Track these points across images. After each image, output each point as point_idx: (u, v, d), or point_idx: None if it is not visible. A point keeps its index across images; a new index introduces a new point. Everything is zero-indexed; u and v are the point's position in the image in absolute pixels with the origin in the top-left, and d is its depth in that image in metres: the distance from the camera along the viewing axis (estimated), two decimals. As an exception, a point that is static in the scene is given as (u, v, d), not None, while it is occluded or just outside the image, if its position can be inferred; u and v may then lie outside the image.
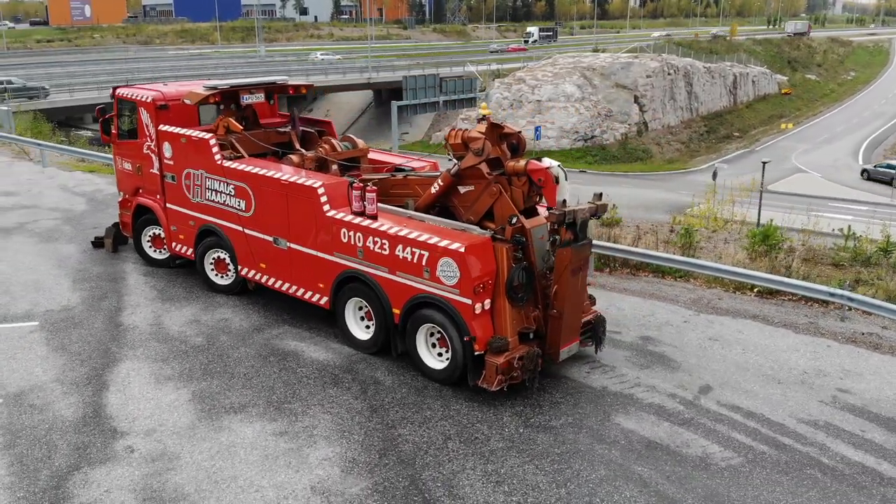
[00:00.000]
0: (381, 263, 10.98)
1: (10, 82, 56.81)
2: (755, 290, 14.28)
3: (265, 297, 13.44)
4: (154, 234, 14.88)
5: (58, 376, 10.80)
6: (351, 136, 13.77)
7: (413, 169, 12.99)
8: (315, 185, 11.63)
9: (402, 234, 10.67)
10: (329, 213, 11.50)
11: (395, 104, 46.37)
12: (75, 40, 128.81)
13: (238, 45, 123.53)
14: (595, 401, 10.46)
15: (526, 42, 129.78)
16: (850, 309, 13.39)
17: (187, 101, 13.50)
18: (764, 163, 36.31)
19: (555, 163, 10.84)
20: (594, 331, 11.43)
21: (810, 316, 13.52)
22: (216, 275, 13.80)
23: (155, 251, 15.01)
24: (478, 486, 8.60)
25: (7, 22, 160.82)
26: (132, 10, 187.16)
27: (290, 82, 14.94)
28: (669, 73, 68.25)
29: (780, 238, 17.09)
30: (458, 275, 10.08)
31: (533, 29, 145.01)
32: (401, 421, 9.85)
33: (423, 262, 10.44)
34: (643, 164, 61.14)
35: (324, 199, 11.56)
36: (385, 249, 10.87)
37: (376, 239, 10.95)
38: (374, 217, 11.18)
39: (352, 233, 11.25)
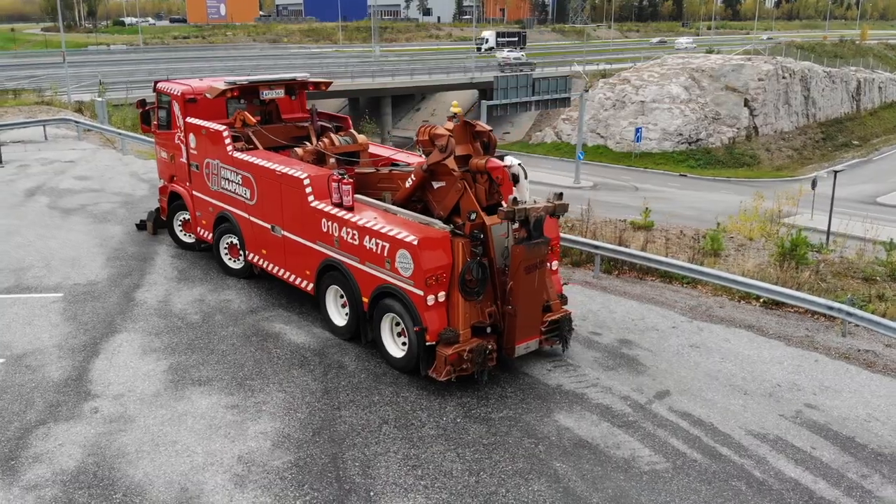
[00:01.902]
0: (352, 253, 11.46)
1: (517, 59, 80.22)
2: (760, 300, 13.83)
3: (270, 282, 14.18)
4: (184, 218, 15.94)
5: (59, 342, 11.89)
6: (352, 131, 14.30)
7: (409, 164, 13.37)
8: (301, 177, 12.25)
9: (368, 225, 11.11)
10: (313, 204, 12.08)
11: (484, 103, 46.72)
12: (209, 37, 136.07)
13: (359, 44, 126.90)
14: (543, 397, 10.55)
15: (478, 50, 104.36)
16: (857, 325, 12.79)
17: (208, 96, 14.42)
18: (836, 171, 34.54)
19: (516, 161, 11.01)
20: (560, 330, 11.49)
21: (811, 329, 13.01)
22: (230, 259, 14.67)
23: (185, 235, 16.09)
24: (394, 468, 8.93)
25: (149, 19, 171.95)
26: (267, 10, 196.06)
27: (310, 79, 15.60)
28: (784, 77, 65.27)
29: (816, 246, 16.40)
30: (412, 266, 10.43)
31: (488, 33, 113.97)
32: (347, 403, 10.29)
33: (385, 253, 10.85)
34: (749, 171, 58.80)
35: (308, 189, 12.15)
36: (356, 240, 11.34)
37: (349, 229, 11.44)
38: (349, 208, 11.66)
39: (330, 223, 11.78)
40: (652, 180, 56.90)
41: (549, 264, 11.71)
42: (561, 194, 10.97)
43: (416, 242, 10.36)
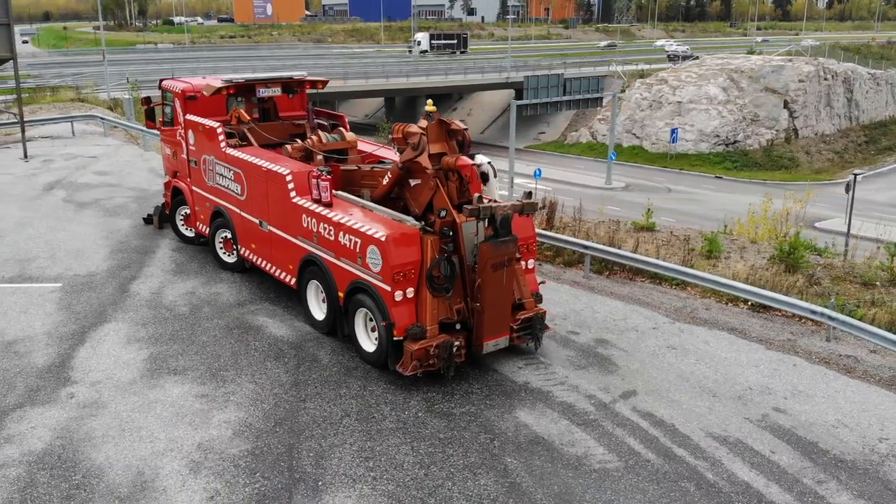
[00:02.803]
0: (329, 248, 11.67)
1: (684, 52, 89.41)
2: (749, 303, 13.69)
3: (262, 276, 14.44)
4: (185, 213, 16.34)
5: (50, 330, 12.31)
6: (341, 129, 14.50)
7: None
8: (284, 173, 12.51)
9: (342, 221, 11.31)
10: (294, 199, 12.32)
11: (514, 103, 46.76)
12: (255, 37, 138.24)
13: (400, 44, 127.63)
14: (508, 394, 10.63)
15: (410, 52, 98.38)
16: (842, 330, 12.57)
17: (204, 93, 14.76)
18: (855, 174, 33.98)
19: (486, 160, 11.09)
20: (532, 328, 11.54)
21: (796, 334, 12.84)
22: (224, 253, 15.01)
23: (186, 229, 16.48)
24: (346, 459, 9.10)
25: (198, 18, 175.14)
26: (313, 10, 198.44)
27: (307, 77, 15.85)
28: (826, 79, 63.97)
29: (820, 250, 16.15)
30: (381, 262, 10.59)
31: (421, 35, 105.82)
32: (314, 396, 10.50)
33: (357, 249, 11.03)
34: (786, 173, 57.84)
35: (291, 185, 12.40)
36: (332, 236, 11.55)
37: (325, 225, 11.65)
38: (328, 205, 11.87)
39: (309, 218, 12.01)
40: (686, 182, 56.35)
41: (524, 263, 11.81)
42: (530, 193, 11.05)
43: (383, 238, 10.52)
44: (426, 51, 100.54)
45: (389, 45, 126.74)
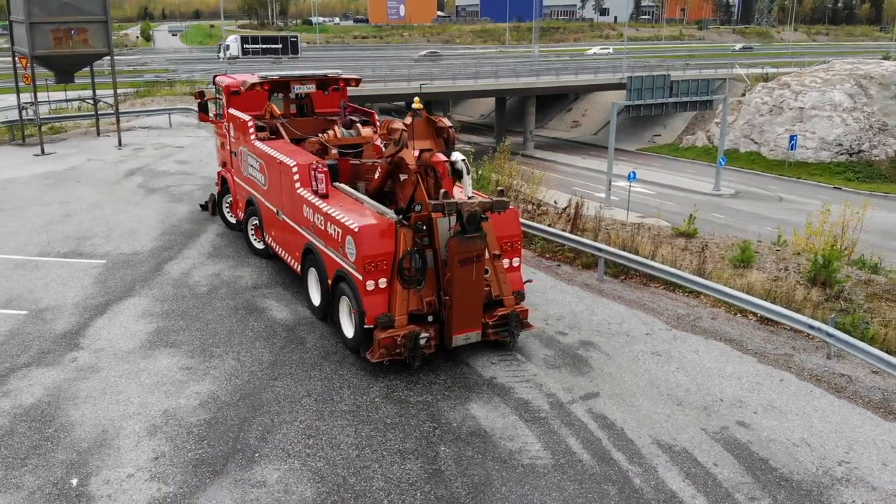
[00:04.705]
0: (321, 238, 12.26)
1: None
2: (757, 315, 13.21)
3: (283, 261, 15.20)
4: (229, 201, 17.39)
5: (78, 301, 13.53)
6: (358, 125, 15.02)
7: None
8: (291, 164, 13.19)
9: (330, 212, 11.85)
10: (298, 190, 12.98)
11: (615, 104, 46.07)
12: (386, 38, 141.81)
13: (525, 44, 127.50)
14: (470, 387, 10.84)
15: (219, 57, 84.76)
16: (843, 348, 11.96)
17: (241, 88, 15.70)
18: None
19: (460, 157, 11.33)
20: (508, 325, 11.67)
21: (797, 349, 12.30)
22: (255, 239, 15.90)
23: (230, 216, 17.54)
24: (290, 435, 9.62)
25: (336, 18, 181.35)
26: (447, 11, 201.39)
27: (341, 75, 16.51)
28: (968, 85, 59.04)
29: (868, 264, 15.34)
30: (355, 252, 11.05)
31: (231, 39, 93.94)
32: (286, 375, 11.09)
33: (339, 239, 11.55)
34: (914, 187, 53.85)
35: (296, 177, 13.06)
36: (323, 225, 12.12)
37: (318, 216, 12.24)
38: (324, 196, 12.44)
39: (308, 209, 12.64)
40: (800, 191, 53.55)
41: (508, 261, 11.95)
42: (503, 191, 11.19)
43: (357, 229, 10.97)
44: (236, 57, 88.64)
45: (513, 45, 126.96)
